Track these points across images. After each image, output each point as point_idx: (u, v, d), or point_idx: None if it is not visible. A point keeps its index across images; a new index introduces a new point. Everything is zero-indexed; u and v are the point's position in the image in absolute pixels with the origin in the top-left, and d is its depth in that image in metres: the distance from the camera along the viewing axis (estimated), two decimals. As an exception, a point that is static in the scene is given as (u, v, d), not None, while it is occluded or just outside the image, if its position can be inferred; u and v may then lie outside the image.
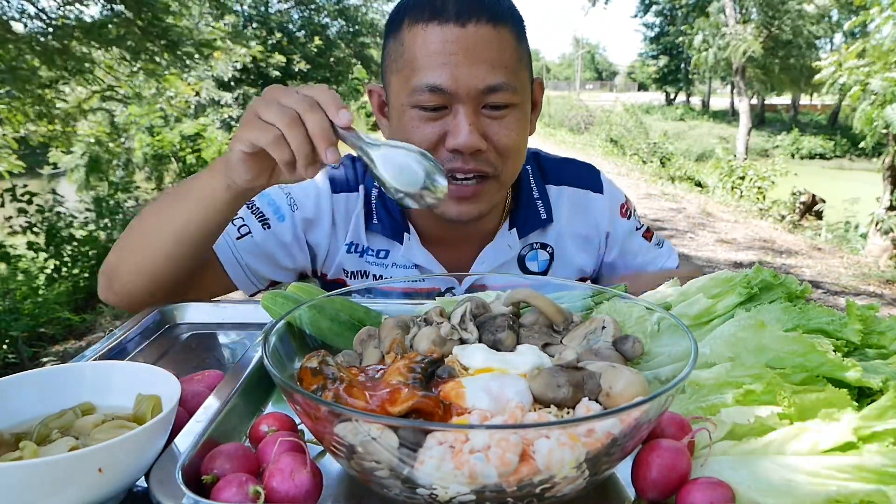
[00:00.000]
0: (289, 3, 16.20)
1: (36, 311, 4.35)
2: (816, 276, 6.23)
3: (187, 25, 6.03)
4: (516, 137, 1.04)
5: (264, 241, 1.16)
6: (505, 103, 1.01)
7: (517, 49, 1.02)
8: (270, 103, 0.82)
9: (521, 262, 1.24)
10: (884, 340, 0.74)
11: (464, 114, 0.99)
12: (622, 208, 1.30)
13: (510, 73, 1.00)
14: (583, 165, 1.33)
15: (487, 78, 0.98)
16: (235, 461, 0.59)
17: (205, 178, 0.95)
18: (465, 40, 0.97)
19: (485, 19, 0.98)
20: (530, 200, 1.23)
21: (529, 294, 0.76)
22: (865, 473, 0.51)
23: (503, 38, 0.99)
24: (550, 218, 1.24)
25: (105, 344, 0.92)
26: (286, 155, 0.82)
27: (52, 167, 7.40)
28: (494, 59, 0.98)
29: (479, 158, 1.02)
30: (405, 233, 1.19)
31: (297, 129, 0.81)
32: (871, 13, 6.24)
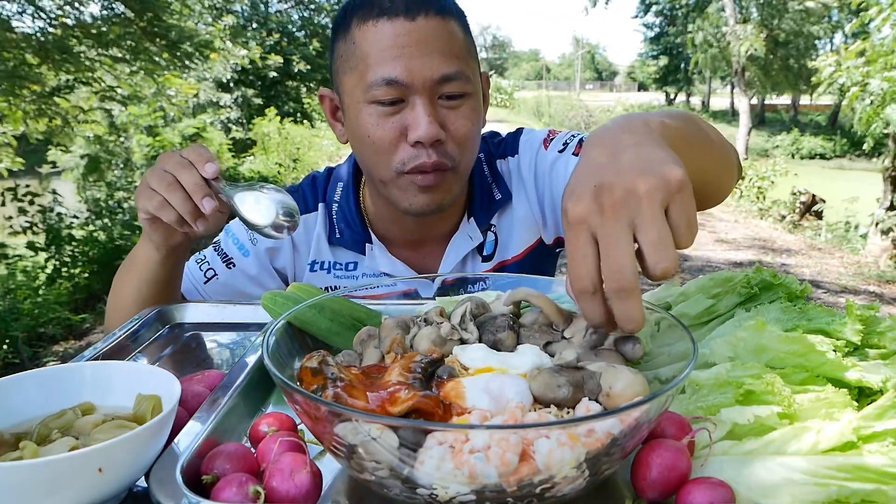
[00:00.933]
0: (288, 3, 16.21)
1: (36, 311, 4.35)
2: (816, 276, 6.24)
3: (189, 26, 6.03)
4: (472, 126, 1.05)
5: (232, 280, 1.23)
6: (460, 92, 1.03)
7: (465, 40, 1.05)
8: (154, 171, 0.95)
9: (480, 248, 1.24)
10: (884, 340, 0.74)
11: (421, 105, 1.00)
12: (544, 143, 1.25)
13: (462, 63, 1.02)
14: (510, 134, 1.32)
15: (442, 68, 0.99)
16: (235, 461, 0.59)
17: (141, 247, 1.09)
18: (417, 33, 0.99)
19: (433, 12, 1.00)
20: (483, 185, 1.24)
21: (529, 294, 0.76)
22: (865, 473, 0.51)
23: (452, 30, 1.02)
24: (508, 196, 1.24)
25: (105, 344, 0.92)
26: (172, 216, 0.94)
27: (51, 166, 7.41)
28: (446, 50, 1.00)
29: (440, 150, 1.03)
30: (367, 243, 1.21)
31: (175, 190, 0.92)
32: (871, 13, 6.24)
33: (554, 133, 1.27)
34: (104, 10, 5.25)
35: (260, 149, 11.19)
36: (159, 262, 1.07)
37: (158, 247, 1.05)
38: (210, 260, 1.25)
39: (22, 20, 4.88)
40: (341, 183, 1.26)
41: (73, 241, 5.44)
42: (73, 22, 5.08)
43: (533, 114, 28.00)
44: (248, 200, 0.92)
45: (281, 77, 13.87)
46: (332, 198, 1.25)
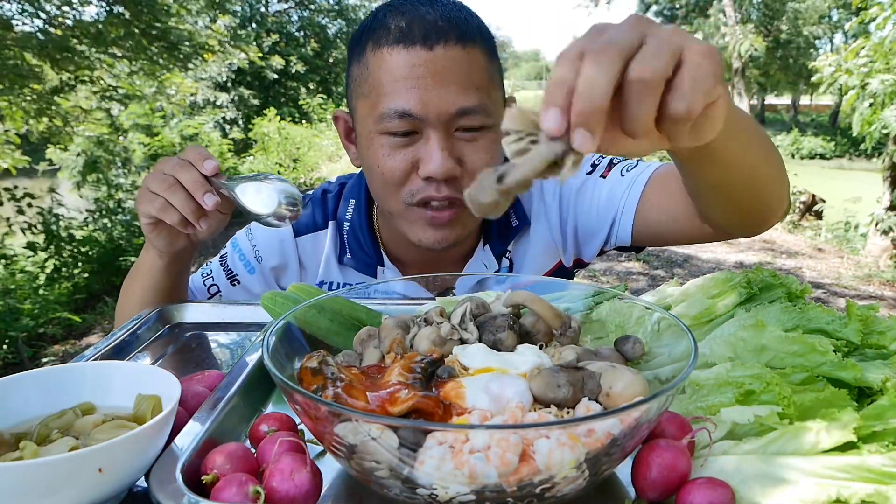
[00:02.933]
0: (288, 4, 16.21)
1: (36, 311, 4.35)
2: (817, 276, 6.24)
3: (187, 28, 6.03)
4: (490, 161, 0.98)
5: (235, 297, 1.22)
6: (478, 126, 0.97)
7: (488, 68, 0.99)
8: (154, 175, 0.93)
9: None
10: (884, 340, 0.74)
11: (435, 139, 0.95)
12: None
13: (483, 94, 0.96)
14: None
15: (459, 101, 0.94)
16: (235, 461, 0.59)
17: (144, 255, 1.08)
18: (434, 63, 0.93)
19: (453, 40, 0.94)
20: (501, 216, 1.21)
21: (527, 297, 0.76)
22: (865, 473, 0.51)
23: (473, 59, 0.96)
24: (526, 221, 1.20)
25: (105, 344, 0.92)
26: (175, 217, 0.93)
27: (48, 164, 7.41)
28: (465, 81, 0.94)
29: (454, 185, 0.98)
30: (379, 266, 1.18)
31: (176, 191, 0.91)
32: (871, 13, 6.24)
33: None
34: (103, 11, 5.25)
35: (260, 149, 11.19)
36: (163, 269, 1.05)
37: (161, 253, 1.03)
38: (215, 275, 1.23)
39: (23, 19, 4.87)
40: (353, 200, 1.21)
41: (73, 241, 5.44)
42: (72, 22, 5.09)
43: (533, 114, 28.01)
44: (249, 191, 0.92)
45: (279, 77, 13.88)
46: (344, 216, 1.20)
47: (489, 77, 0.99)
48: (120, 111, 7.48)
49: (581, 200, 1.19)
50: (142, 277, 1.09)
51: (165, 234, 1.00)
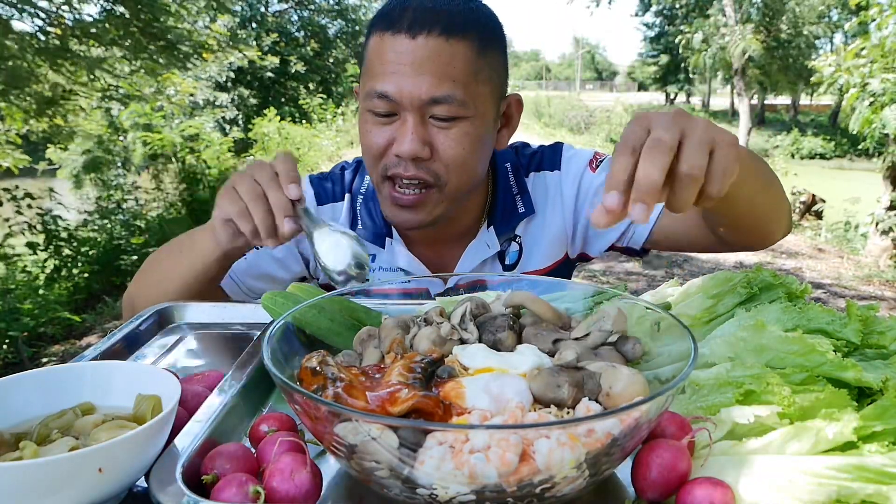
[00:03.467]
0: (288, 4, 16.21)
1: (36, 311, 4.35)
2: (817, 276, 6.24)
3: (186, 27, 6.03)
4: (461, 150, 1.03)
5: (258, 260, 1.24)
6: (451, 115, 1.02)
7: (472, 63, 1.02)
8: (244, 177, 0.93)
9: (502, 257, 1.26)
10: (884, 340, 0.74)
11: (410, 122, 1.01)
12: (591, 164, 1.26)
13: (459, 87, 1.00)
14: (547, 148, 1.32)
15: (432, 90, 0.99)
16: (235, 461, 0.59)
17: (199, 236, 1.07)
18: (414, 52, 0.99)
19: (437, 32, 0.99)
20: (507, 196, 1.25)
21: (527, 298, 0.76)
22: (865, 473, 0.51)
23: (455, 52, 1.00)
24: (531, 210, 1.25)
25: (105, 344, 0.92)
26: (249, 225, 0.92)
27: (48, 164, 7.41)
28: (441, 72, 0.99)
29: (421, 166, 1.04)
30: (387, 237, 1.23)
31: (260, 203, 0.91)
32: (872, 13, 6.24)
33: (600, 155, 1.28)
34: (102, 11, 5.25)
35: (260, 149, 11.19)
36: (215, 260, 1.05)
37: (221, 245, 1.01)
38: None
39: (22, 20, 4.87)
40: (368, 176, 1.27)
41: (73, 241, 5.44)
42: (71, 22, 5.08)
43: (533, 114, 27.98)
44: (327, 241, 0.92)
45: (278, 77, 13.88)
46: (359, 189, 1.27)
47: (472, 71, 1.02)
48: (120, 111, 7.47)
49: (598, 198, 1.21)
50: (190, 258, 1.08)
51: (232, 233, 0.98)
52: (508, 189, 1.26)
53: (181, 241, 1.13)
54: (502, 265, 1.26)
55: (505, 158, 1.27)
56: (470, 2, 1.06)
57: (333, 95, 16.07)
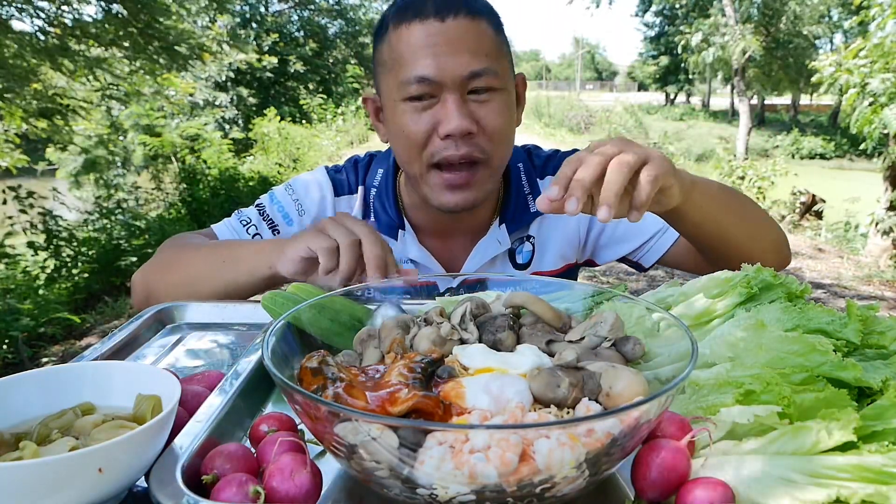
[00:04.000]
0: (288, 4, 16.21)
1: (36, 311, 4.35)
2: (817, 276, 6.24)
3: (185, 28, 6.03)
4: (503, 120, 1.09)
5: None
6: (489, 87, 1.07)
7: (495, 39, 1.09)
8: (339, 224, 0.97)
9: (512, 255, 1.28)
10: (884, 340, 0.74)
11: (452, 101, 1.05)
12: None
13: (491, 60, 1.06)
14: (565, 154, 1.34)
15: (471, 64, 1.04)
16: (235, 461, 0.59)
17: (254, 253, 1.08)
18: (447, 32, 1.04)
19: (463, 13, 1.04)
20: (520, 195, 1.27)
21: (527, 298, 0.76)
22: (865, 473, 0.51)
23: (481, 29, 1.06)
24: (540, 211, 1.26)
25: (105, 344, 0.92)
26: (332, 264, 0.95)
27: (47, 164, 7.41)
28: (475, 48, 1.05)
29: (471, 142, 1.07)
30: (400, 229, 1.25)
31: (353, 249, 0.94)
32: (872, 13, 6.24)
33: None
34: (101, 11, 5.24)
35: (260, 149, 11.19)
36: (264, 279, 1.07)
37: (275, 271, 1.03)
38: (256, 223, 1.28)
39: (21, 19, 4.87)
40: (381, 169, 1.31)
41: (73, 241, 5.44)
42: (71, 22, 5.08)
43: (532, 114, 27.98)
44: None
45: (278, 77, 13.88)
46: (372, 182, 1.31)
47: (497, 47, 1.08)
48: (120, 111, 7.47)
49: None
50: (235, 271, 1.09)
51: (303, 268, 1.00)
52: (521, 188, 1.28)
53: (220, 251, 1.14)
54: (513, 263, 1.28)
55: (517, 158, 1.29)
56: None
57: (333, 95, 16.06)
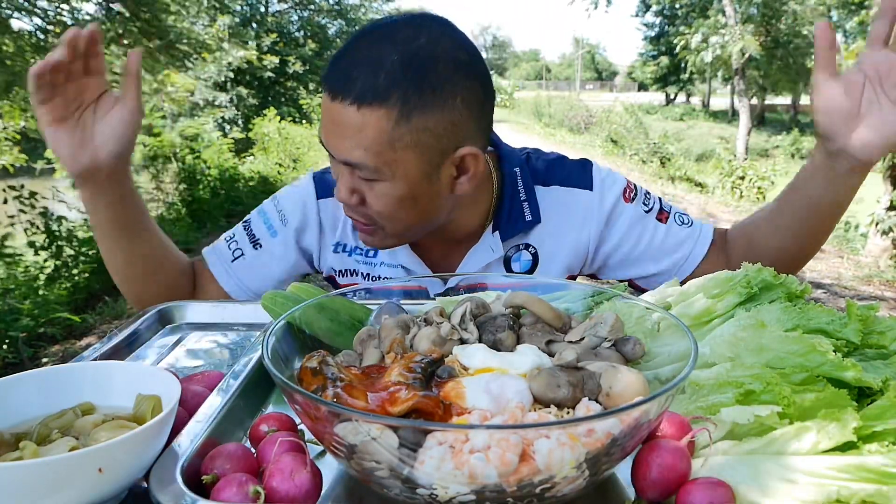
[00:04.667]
0: (288, 4, 16.21)
1: (36, 311, 4.35)
2: (817, 276, 6.23)
3: (186, 26, 6.03)
4: (384, 206, 1.01)
5: (256, 260, 1.26)
6: (367, 178, 1.00)
7: (390, 132, 0.95)
8: None
9: (507, 263, 1.25)
10: (884, 340, 0.74)
11: (342, 171, 1.02)
12: (625, 193, 1.25)
13: (370, 155, 0.96)
14: (574, 163, 1.29)
15: (345, 153, 0.98)
16: (235, 461, 0.59)
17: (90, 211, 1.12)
18: (332, 112, 0.97)
19: (349, 100, 0.94)
20: (514, 203, 1.22)
21: (527, 299, 0.76)
22: (865, 473, 0.51)
23: (367, 122, 0.94)
24: (537, 219, 1.23)
25: (105, 344, 0.92)
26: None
27: (46, 162, 7.40)
28: (352, 138, 0.96)
29: (356, 210, 1.05)
30: None
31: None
32: (872, 14, 6.23)
33: (631, 187, 1.27)
34: (102, 9, 5.25)
35: (260, 149, 11.18)
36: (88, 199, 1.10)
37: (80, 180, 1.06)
38: (238, 239, 1.27)
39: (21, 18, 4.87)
40: None
41: (74, 241, 5.43)
42: (70, 21, 5.08)
43: (532, 114, 27.98)
44: None
45: (278, 77, 13.87)
46: None
47: (388, 141, 0.96)
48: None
49: (632, 232, 1.24)
50: (98, 233, 1.15)
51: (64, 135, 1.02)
52: (516, 195, 1.23)
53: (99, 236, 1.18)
54: (509, 272, 1.25)
55: (514, 163, 1.24)
56: (412, 48, 0.95)
57: (333, 95, 16.03)
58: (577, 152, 15.66)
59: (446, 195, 1.06)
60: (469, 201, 1.16)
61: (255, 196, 8.63)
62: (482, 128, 1.04)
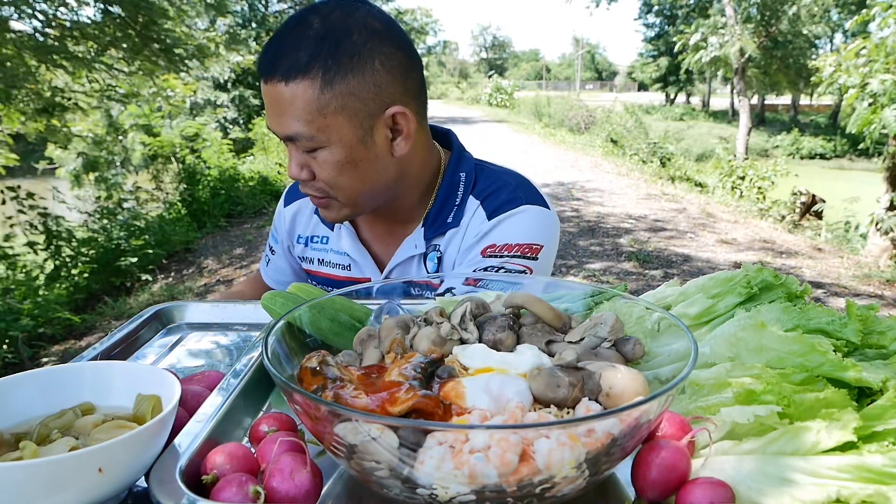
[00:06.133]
0: (288, 4, 16.20)
1: (36, 311, 4.35)
2: (817, 276, 6.23)
3: (184, 30, 6.03)
4: (329, 173, 1.10)
5: (275, 263, 1.49)
6: (308, 148, 1.08)
7: (317, 100, 1.04)
8: None
9: (424, 259, 1.28)
10: (884, 340, 0.74)
11: (291, 150, 1.11)
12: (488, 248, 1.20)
13: (304, 124, 1.05)
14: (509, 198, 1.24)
15: (285, 129, 1.07)
16: (235, 461, 0.59)
17: None
18: (269, 95, 1.07)
19: (277, 78, 1.04)
20: (446, 204, 1.25)
21: (527, 299, 0.76)
22: (865, 473, 0.51)
23: (295, 94, 1.04)
24: (455, 223, 1.24)
25: (105, 344, 0.92)
26: None
27: (48, 163, 7.41)
28: (287, 114, 1.06)
29: (310, 185, 1.14)
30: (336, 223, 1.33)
31: None
32: (873, 13, 6.24)
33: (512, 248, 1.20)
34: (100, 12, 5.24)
35: (259, 149, 11.18)
36: None
37: None
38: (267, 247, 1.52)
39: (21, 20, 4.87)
40: None
41: (73, 241, 5.44)
42: (70, 24, 5.08)
43: (532, 114, 27.98)
44: None
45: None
46: None
47: (317, 108, 1.05)
48: (120, 111, 7.46)
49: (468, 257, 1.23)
50: None
51: None
52: (452, 197, 1.24)
53: None
54: (426, 267, 1.27)
55: (463, 168, 1.26)
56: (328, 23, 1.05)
57: (333, 95, 16.02)
58: (576, 152, 15.49)
59: (386, 158, 1.13)
60: (413, 176, 1.20)
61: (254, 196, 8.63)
62: (411, 91, 1.12)
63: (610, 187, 10.40)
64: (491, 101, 34.10)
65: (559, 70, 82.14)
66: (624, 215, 8.28)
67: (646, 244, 6.82)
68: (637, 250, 6.55)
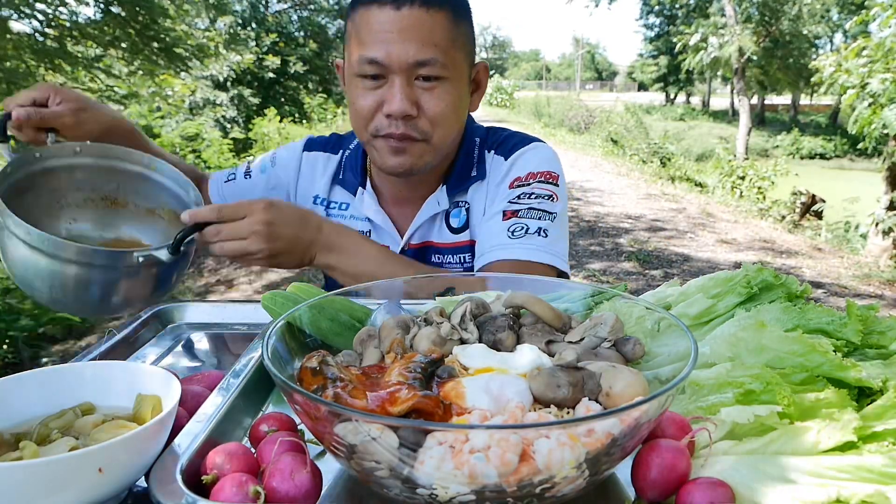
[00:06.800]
0: (288, 4, 16.20)
1: (36, 311, 4.35)
2: (817, 276, 6.24)
3: (183, 29, 6.02)
4: (444, 107, 1.15)
5: (240, 187, 1.44)
6: (435, 76, 1.13)
7: (451, 31, 1.14)
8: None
9: (447, 217, 1.32)
10: (884, 340, 0.74)
11: (398, 84, 1.13)
12: (514, 181, 1.27)
13: (440, 51, 1.12)
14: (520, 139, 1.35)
15: (418, 53, 1.11)
16: (235, 461, 0.59)
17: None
18: (400, 21, 1.10)
19: (417, 4, 1.11)
20: (467, 161, 1.32)
21: (527, 299, 0.76)
22: (865, 473, 0.51)
23: (435, 21, 1.12)
24: (481, 175, 1.31)
25: (105, 344, 0.92)
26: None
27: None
28: (424, 38, 1.11)
29: (410, 124, 1.15)
30: (360, 187, 1.36)
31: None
32: (873, 13, 6.24)
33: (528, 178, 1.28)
34: (100, 11, 5.24)
35: (259, 149, 11.18)
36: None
37: None
38: (236, 171, 1.47)
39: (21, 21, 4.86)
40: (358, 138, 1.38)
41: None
42: (69, 23, 5.08)
43: (532, 114, 27.98)
44: None
45: (278, 77, 13.87)
46: (348, 146, 1.44)
47: (450, 38, 1.14)
48: (120, 112, 7.46)
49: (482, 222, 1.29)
50: None
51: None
52: (470, 154, 1.32)
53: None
54: (448, 226, 1.32)
55: (477, 133, 1.35)
56: None
57: (333, 95, 16.06)
58: (576, 152, 15.47)
59: (467, 111, 1.23)
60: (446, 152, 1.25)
61: (254, 196, 8.61)
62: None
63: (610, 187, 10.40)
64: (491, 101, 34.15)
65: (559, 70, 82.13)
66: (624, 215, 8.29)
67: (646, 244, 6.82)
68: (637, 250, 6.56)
